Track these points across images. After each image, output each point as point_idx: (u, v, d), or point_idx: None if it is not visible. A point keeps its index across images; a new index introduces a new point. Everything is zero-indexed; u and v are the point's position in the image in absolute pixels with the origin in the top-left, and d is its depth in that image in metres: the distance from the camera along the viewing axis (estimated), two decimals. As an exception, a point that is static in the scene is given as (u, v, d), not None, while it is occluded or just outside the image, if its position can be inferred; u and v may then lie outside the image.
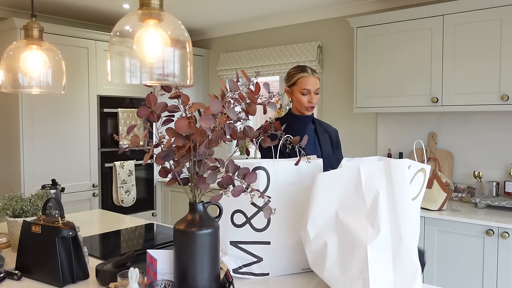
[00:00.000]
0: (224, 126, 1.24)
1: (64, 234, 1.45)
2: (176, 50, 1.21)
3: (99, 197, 3.79)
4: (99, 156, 3.78)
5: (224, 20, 4.19)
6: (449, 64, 2.85)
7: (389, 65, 3.11)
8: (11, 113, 3.37)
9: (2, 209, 1.77)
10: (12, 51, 1.85)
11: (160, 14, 1.21)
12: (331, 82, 3.79)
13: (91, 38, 3.67)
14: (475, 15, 2.74)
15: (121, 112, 3.85)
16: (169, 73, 1.21)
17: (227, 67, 4.42)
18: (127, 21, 1.21)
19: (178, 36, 1.22)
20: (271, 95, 1.31)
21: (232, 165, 1.31)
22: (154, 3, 1.20)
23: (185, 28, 1.24)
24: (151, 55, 1.19)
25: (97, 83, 3.72)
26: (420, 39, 2.97)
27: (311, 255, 1.39)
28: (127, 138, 1.31)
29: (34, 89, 1.89)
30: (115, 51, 1.19)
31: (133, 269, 1.23)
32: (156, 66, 1.20)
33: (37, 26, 1.86)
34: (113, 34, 1.19)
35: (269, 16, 3.99)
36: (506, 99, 2.60)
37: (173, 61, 1.21)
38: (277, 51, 4.01)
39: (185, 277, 1.27)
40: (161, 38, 1.20)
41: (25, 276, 1.50)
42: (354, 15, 3.59)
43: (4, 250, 1.81)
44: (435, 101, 2.89)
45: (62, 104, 3.51)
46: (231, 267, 1.50)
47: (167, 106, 1.33)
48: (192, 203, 1.31)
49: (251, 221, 1.50)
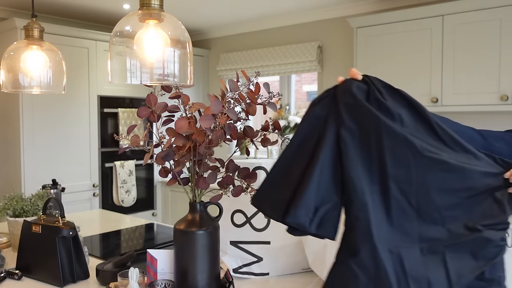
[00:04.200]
0: (224, 126, 1.24)
1: (65, 234, 1.45)
2: (176, 50, 1.22)
3: (99, 197, 3.79)
4: (99, 156, 3.78)
5: (224, 20, 4.19)
6: (449, 64, 2.85)
7: (389, 65, 3.12)
8: (12, 113, 3.38)
9: (2, 209, 1.77)
10: (12, 51, 1.85)
11: (160, 14, 1.21)
12: (331, 82, 3.78)
13: (92, 38, 3.67)
14: (475, 16, 2.74)
15: (121, 112, 3.85)
16: (169, 73, 1.21)
17: (227, 67, 4.42)
18: (128, 21, 1.22)
19: (178, 36, 1.22)
20: (271, 95, 1.32)
21: (232, 165, 1.31)
22: (154, 3, 1.20)
23: (185, 28, 1.24)
24: (151, 55, 1.19)
25: (98, 83, 3.73)
26: (420, 40, 2.97)
27: (311, 255, 1.39)
28: (128, 138, 1.31)
29: (35, 89, 1.89)
30: (116, 51, 1.20)
31: (133, 269, 1.23)
32: (156, 66, 1.21)
33: (37, 27, 1.86)
34: (114, 34, 1.19)
35: (269, 16, 3.99)
36: (506, 99, 2.61)
37: (173, 61, 1.22)
38: (277, 51, 4.01)
39: (185, 277, 1.27)
40: (161, 38, 1.20)
41: (25, 276, 1.51)
42: (354, 15, 3.59)
43: (5, 250, 1.81)
44: (434, 101, 2.89)
45: (62, 104, 3.51)
46: (231, 267, 1.50)
47: (167, 106, 1.33)
48: (192, 203, 1.31)
49: (251, 221, 1.50)
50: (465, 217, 0.95)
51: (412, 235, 0.98)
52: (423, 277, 0.95)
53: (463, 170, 0.96)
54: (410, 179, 0.97)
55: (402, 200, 0.98)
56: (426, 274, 0.96)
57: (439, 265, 0.96)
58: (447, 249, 0.96)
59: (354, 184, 0.99)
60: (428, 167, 0.97)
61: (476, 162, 0.97)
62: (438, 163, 0.96)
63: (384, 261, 0.95)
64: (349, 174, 0.99)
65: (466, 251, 0.96)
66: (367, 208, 0.97)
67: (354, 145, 1.00)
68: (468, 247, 0.96)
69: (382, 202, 0.99)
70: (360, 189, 0.98)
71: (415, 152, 0.97)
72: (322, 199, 1.00)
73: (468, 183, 0.96)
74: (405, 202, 0.98)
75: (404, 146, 0.98)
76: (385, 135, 0.98)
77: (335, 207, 1.02)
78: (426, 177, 0.97)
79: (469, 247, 0.96)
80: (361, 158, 0.99)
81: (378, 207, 0.98)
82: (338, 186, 1.01)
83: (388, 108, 1.00)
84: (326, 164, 1.00)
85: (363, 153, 1.00)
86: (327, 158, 1.00)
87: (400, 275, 0.96)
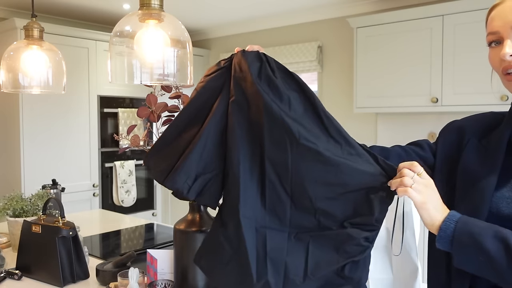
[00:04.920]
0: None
1: (65, 234, 1.45)
2: (176, 50, 1.22)
3: (99, 197, 3.79)
4: (99, 156, 3.78)
5: (224, 20, 4.19)
6: (448, 64, 2.85)
7: (389, 65, 3.12)
8: (11, 113, 3.37)
9: (2, 209, 1.77)
10: (12, 51, 1.85)
11: (160, 14, 1.21)
12: (331, 82, 3.79)
13: (91, 38, 3.67)
14: (475, 16, 2.74)
15: (121, 112, 3.85)
16: (169, 73, 1.21)
17: (227, 67, 4.41)
18: (128, 22, 1.22)
19: (178, 36, 1.22)
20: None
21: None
22: (154, 3, 1.20)
23: (185, 28, 1.24)
24: (151, 55, 1.19)
25: (97, 83, 3.72)
26: (420, 39, 2.97)
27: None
28: (127, 138, 1.31)
29: (35, 89, 1.89)
30: (115, 51, 1.20)
31: (133, 269, 1.23)
32: (156, 66, 1.21)
33: (37, 26, 1.86)
34: (114, 34, 1.19)
35: (269, 16, 3.99)
36: (506, 99, 2.61)
37: (173, 61, 1.22)
38: (277, 51, 4.01)
39: (185, 277, 1.27)
40: (161, 38, 1.20)
41: (25, 276, 1.51)
42: (354, 15, 3.59)
43: (5, 250, 1.81)
44: (434, 101, 2.89)
45: (62, 104, 3.51)
46: (231, 267, 1.50)
47: (167, 106, 1.33)
48: (192, 203, 1.31)
49: (251, 221, 1.50)
50: (336, 212, 0.95)
51: (283, 219, 0.98)
52: (281, 260, 0.96)
53: (339, 164, 0.94)
54: (286, 164, 0.96)
55: (277, 183, 0.98)
56: (285, 258, 0.96)
57: (301, 252, 0.96)
58: (312, 238, 0.96)
59: (231, 156, 1.00)
60: (303, 155, 0.95)
61: (356, 159, 0.96)
62: (312, 153, 0.95)
63: (247, 239, 0.96)
64: (229, 146, 1.01)
65: (330, 244, 0.95)
66: (238, 183, 0.98)
67: (240, 119, 1.00)
68: (332, 241, 0.95)
69: (259, 181, 0.99)
70: (236, 162, 0.98)
71: (292, 138, 0.96)
72: (204, 168, 1.02)
73: (343, 178, 0.94)
74: (280, 186, 0.97)
75: (282, 130, 0.96)
76: (265, 115, 0.97)
77: (215, 178, 1.03)
78: (301, 165, 0.96)
79: (332, 240, 0.95)
80: (246, 133, 1.00)
81: (253, 186, 0.99)
82: (221, 157, 1.03)
83: (277, 87, 0.98)
84: (212, 134, 1.02)
85: (249, 128, 1.00)
86: (213, 128, 1.02)
87: (261, 255, 0.97)
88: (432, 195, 0.88)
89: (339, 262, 0.94)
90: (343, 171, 0.94)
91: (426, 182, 0.88)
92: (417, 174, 0.88)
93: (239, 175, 0.98)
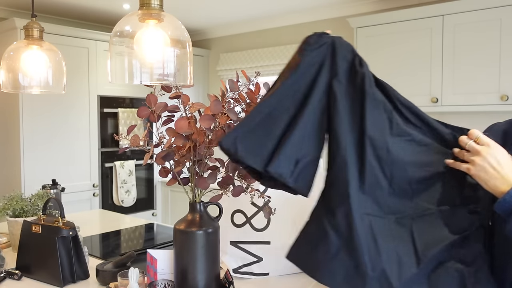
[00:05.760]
0: (224, 126, 1.24)
1: (64, 234, 1.45)
2: (176, 50, 1.22)
3: (99, 197, 3.79)
4: (99, 156, 3.78)
5: (224, 20, 4.19)
6: (449, 64, 2.85)
7: (389, 65, 3.11)
8: (11, 113, 3.37)
9: (2, 209, 1.77)
10: (12, 51, 1.85)
11: (160, 14, 1.21)
12: (331, 82, 3.79)
13: (91, 38, 3.67)
14: (475, 15, 2.74)
15: (121, 112, 3.85)
16: (169, 73, 1.21)
17: (227, 67, 4.42)
18: (127, 21, 1.22)
19: (178, 36, 1.22)
20: (271, 95, 1.31)
21: (232, 165, 1.31)
22: (154, 3, 1.20)
23: (185, 28, 1.24)
24: (151, 55, 1.19)
25: (97, 83, 3.72)
26: (420, 39, 2.97)
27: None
28: (127, 138, 1.31)
29: (34, 89, 1.89)
30: (115, 51, 1.20)
31: (133, 269, 1.23)
32: (156, 66, 1.21)
33: (37, 26, 1.86)
34: (113, 34, 1.19)
35: (269, 16, 3.99)
36: (506, 99, 2.60)
37: (173, 61, 1.22)
38: (277, 51, 4.01)
39: (185, 277, 1.27)
40: (161, 38, 1.20)
41: (25, 276, 1.51)
42: (354, 15, 3.59)
43: (5, 250, 1.81)
44: (434, 101, 2.89)
45: (62, 104, 3.51)
46: (231, 267, 1.50)
47: (167, 106, 1.33)
48: (192, 203, 1.31)
49: (251, 221, 1.50)
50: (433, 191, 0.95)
51: (381, 205, 0.95)
52: (390, 247, 0.93)
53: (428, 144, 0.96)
54: (387, 146, 0.95)
55: (376, 167, 0.95)
56: (393, 244, 0.94)
57: (407, 237, 0.95)
58: (414, 221, 0.95)
59: (338, 139, 0.96)
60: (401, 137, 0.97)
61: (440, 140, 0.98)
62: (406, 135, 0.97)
63: (358, 227, 0.92)
64: (335, 128, 0.96)
65: (435, 223, 0.95)
66: (347, 167, 0.94)
67: (343, 99, 0.97)
68: (435, 220, 0.95)
69: (358, 165, 0.96)
70: (344, 146, 0.95)
71: (391, 123, 0.96)
72: (304, 151, 0.96)
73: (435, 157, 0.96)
74: (379, 170, 0.95)
75: (383, 113, 0.97)
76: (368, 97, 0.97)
77: (313, 162, 0.98)
78: (399, 147, 0.96)
79: (436, 219, 0.95)
80: (348, 114, 0.97)
81: (354, 170, 0.95)
82: (321, 140, 0.98)
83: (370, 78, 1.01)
84: (313, 115, 0.97)
85: (350, 109, 0.98)
86: (315, 109, 0.97)
87: (371, 245, 0.93)
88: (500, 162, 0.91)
89: (449, 238, 0.94)
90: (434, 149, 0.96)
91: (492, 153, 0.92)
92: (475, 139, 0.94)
93: (347, 159, 0.94)
